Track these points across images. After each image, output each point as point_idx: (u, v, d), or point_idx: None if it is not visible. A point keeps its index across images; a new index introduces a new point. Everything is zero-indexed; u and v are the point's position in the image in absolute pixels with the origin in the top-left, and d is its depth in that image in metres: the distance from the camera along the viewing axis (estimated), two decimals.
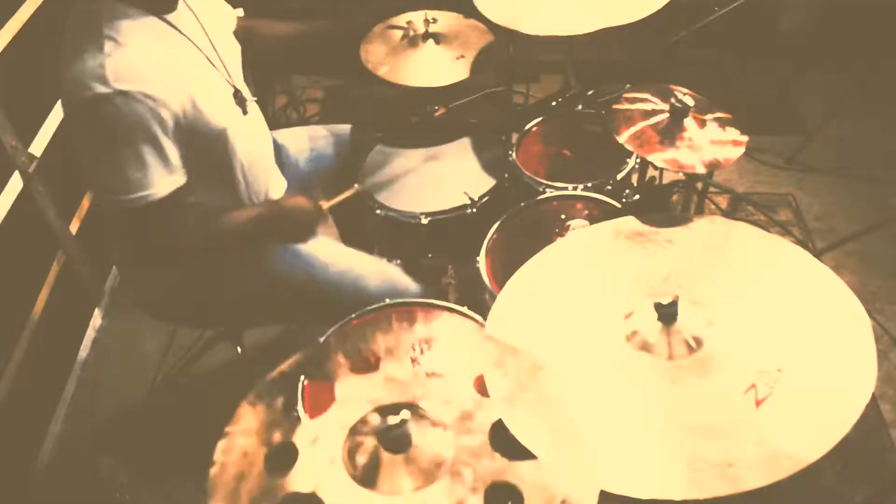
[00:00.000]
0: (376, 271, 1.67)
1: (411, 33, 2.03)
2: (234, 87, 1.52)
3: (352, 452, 0.90)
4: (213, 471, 0.89)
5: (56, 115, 2.15)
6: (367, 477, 0.87)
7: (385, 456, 0.88)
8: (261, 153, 1.64)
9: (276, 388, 0.99)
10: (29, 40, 2.01)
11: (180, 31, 1.40)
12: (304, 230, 1.56)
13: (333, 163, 1.91)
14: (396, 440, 0.88)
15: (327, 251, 1.66)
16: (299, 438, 0.93)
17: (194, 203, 1.42)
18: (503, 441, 0.89)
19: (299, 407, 1.27)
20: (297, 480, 0.88)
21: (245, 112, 1.54)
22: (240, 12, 1.74)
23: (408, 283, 1.69)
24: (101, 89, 1.22)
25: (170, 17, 1.39)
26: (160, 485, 1.93)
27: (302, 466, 0.89)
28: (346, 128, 1.97)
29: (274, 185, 1.70)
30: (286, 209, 1.55)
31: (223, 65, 1.51)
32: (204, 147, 1.41)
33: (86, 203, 2.34)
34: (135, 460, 2.00)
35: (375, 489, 0.86)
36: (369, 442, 0.90)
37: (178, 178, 1.35)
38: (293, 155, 1.86)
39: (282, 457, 0.91)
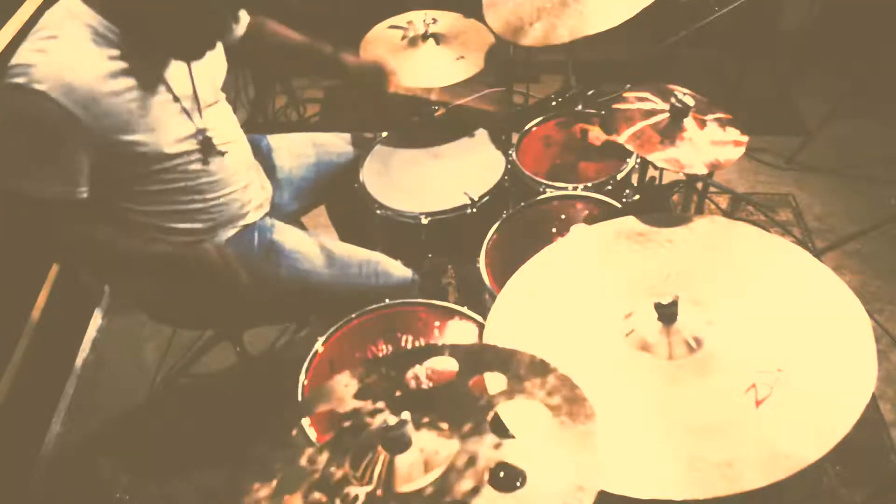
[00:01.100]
0: (361, 260, 1.68)
1: (411, 33, 2.03)
2: (202, 128, 1.49)
3: (363, 471, 0.88)
4: None
5: None
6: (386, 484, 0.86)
7: (397, 460, 0.87)
8: (232, 186, 1.60)
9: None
10: None
11: (151, 65, 1.40)
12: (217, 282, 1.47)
13: (337, 169, 1.92)
14: (396, 440, 0.87)
15: (311, 245, 1.66)
16: None
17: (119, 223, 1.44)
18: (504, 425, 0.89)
19: (310, 433, 1.27)
20: None
21: (208, 154, 1.51)
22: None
23: (395, 270, 1.69)
24: (23, 81, 1.24)
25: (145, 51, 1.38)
26: (160, 485, 1.93)
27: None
28: (347, 136, 1.98)
29: (253, 208, 1.68)
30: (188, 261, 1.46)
31: (197, 107, 1.49)
32: (143, 176, 1.42)
33: None
34: (135, 460, 2.00)
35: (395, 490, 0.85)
36: (380, 454, 0.89)
37: (71, 189, 1.33)
38: (286, 158, 1.86)
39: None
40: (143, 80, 1.37)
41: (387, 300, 1.53)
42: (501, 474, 0.83)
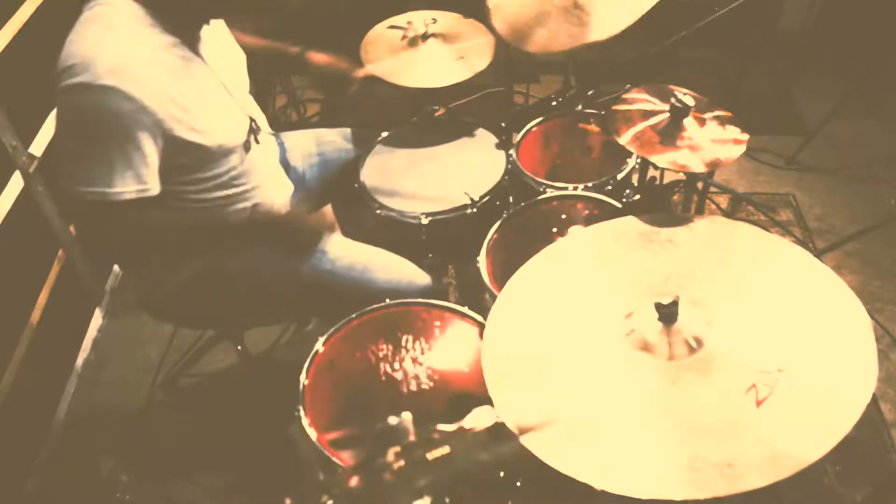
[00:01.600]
0: (384, 265, 1.67)
1: (411, 33, 2.03)
2: (250, 116, 1.53)
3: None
4: None
5: None
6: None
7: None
8: (267, 177, 1.64)
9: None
10: (29, 40, 2.01)
11: (202, 58, 1.42)
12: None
13: (341, 167, 1.92)
14: (395, 440, 0.87)
15: (333, 245, 1.66)
16: None
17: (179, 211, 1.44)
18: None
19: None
20: None
21: (257, 142, 1.54)
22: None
23: (414, 275, 1.68)
24: (87, 79, 1.22)
25: (193, 42, 1.40)
26: (160, 485, 1.93)
27: None
28: (348, 131, 1.98)
29: (279, 199, 1.69)
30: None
31: (240, 94, 1.52)
32: (201, 165, 1.42)
33: None
34: (135, 460, 2.00)
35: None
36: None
37: (146, 187, 1.33)
38: (298, 159, 1.87)
39: None
40: (192, 64, 1.38)
41: (387, 300, 1.53)
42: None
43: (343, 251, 1.65)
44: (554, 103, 2.27)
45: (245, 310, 1.66)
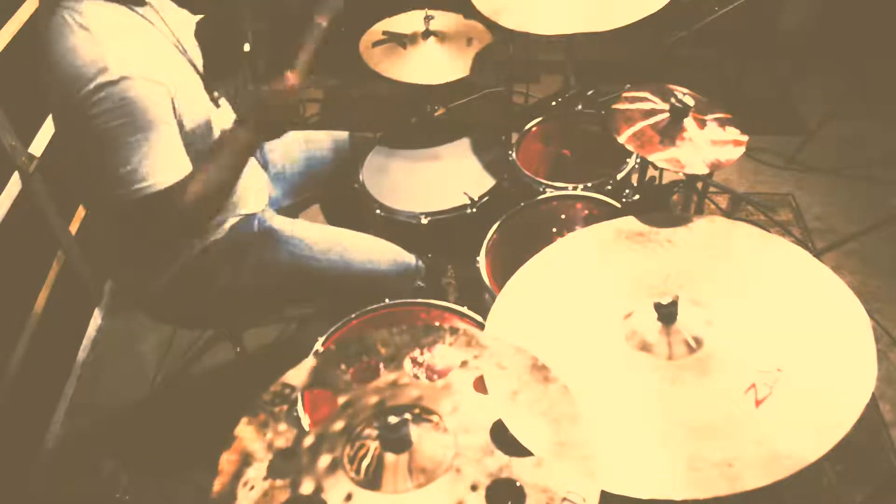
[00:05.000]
0: (363, 246, 1.67)
1: (403, 41, 2.02)
2: (213, 97, 1.51)
3: (354, 456, 0.89)
4: (217, 480, 0.88)
5: None
6: (371, 479, 0.87)
7: (387, 457, 0.88)
8: None
9: (279, 399, 0.98)
10: (29, 40, 2.01)
11: (151, 23, 1.40)
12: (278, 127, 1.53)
13: (328, 166, 1.91)
14: (396, 440, 0.87)
15: (310, 231, 1.65)
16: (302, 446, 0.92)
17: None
18: (504, 438, 0.89)
19: (300, 412, 1.27)
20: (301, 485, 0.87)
21: (217, 105, 1.52)
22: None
23: (396, 254, 1.68)
24: (105, 77, 1.22)
25: (139, 10, 1.39)
26: (160, 485, 1.93)
27: (306, 472, 0.88)
28: (343, 134, 1.97)
29: (250, 196, 1.67)
30: (258, 122, 1.47)
31: (192, 58, 1.49)
32: (190, 138, 1.41)
33: None
34: (135, 460, 2.00)
35: (379, 490, 0.85)
36: (372, 444, 0.90)
37: (185, 165, 1.33)
38: (278, 154, 1.85)
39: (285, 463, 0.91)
40: (149, 28, 1.38)
41: (386, 300, 1.53)
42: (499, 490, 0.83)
43: (319, 235, 1.64)
44: (554, 103, 2.27)
45: (232, 305, 1.65)
